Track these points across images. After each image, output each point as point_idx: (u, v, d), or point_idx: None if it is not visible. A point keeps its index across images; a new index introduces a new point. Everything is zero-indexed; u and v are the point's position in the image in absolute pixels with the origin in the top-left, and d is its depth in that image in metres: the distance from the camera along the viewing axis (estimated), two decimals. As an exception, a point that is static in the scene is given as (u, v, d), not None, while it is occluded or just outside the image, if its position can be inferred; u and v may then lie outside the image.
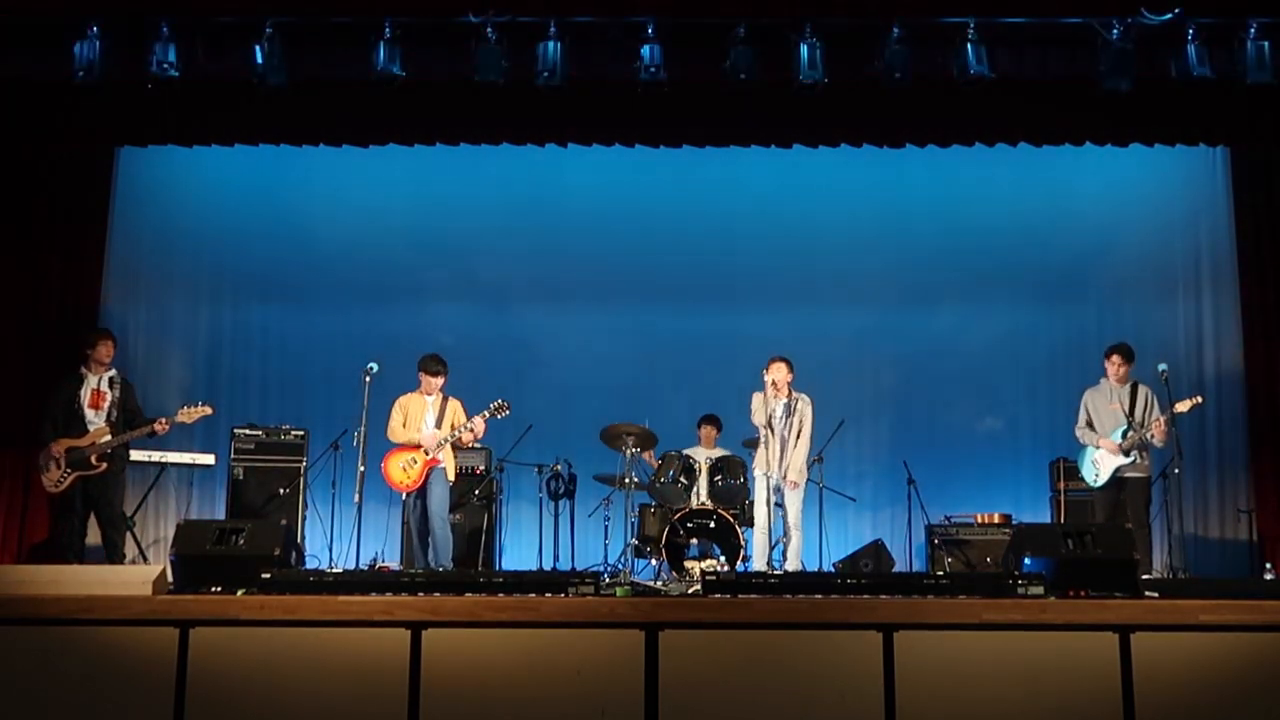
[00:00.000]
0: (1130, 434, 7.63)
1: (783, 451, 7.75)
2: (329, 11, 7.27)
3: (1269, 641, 5.14)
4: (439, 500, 7.68)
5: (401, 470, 7.65)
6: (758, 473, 7.89)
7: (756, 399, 7.85)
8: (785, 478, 7.73)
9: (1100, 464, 7.72)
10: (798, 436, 7.80)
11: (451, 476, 7.81)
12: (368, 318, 9.77)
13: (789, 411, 7.79)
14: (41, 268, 8.99)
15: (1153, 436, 7.61)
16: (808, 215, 9.79)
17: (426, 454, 7.62)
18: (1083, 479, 7.93)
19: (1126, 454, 7.64)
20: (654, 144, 8.64)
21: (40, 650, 5.16)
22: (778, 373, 7.78)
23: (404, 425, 7.74)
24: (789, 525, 7.78)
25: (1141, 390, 7.80)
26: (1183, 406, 7.63)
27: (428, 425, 7.71)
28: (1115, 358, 7.79)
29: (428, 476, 7.65)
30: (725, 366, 9.18)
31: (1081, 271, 9.74)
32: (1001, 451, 9.65)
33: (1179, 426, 7.70)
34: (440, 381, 7.78)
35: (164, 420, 7.63)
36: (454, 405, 7.83)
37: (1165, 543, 7.81)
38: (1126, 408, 7.72)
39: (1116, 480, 7.69)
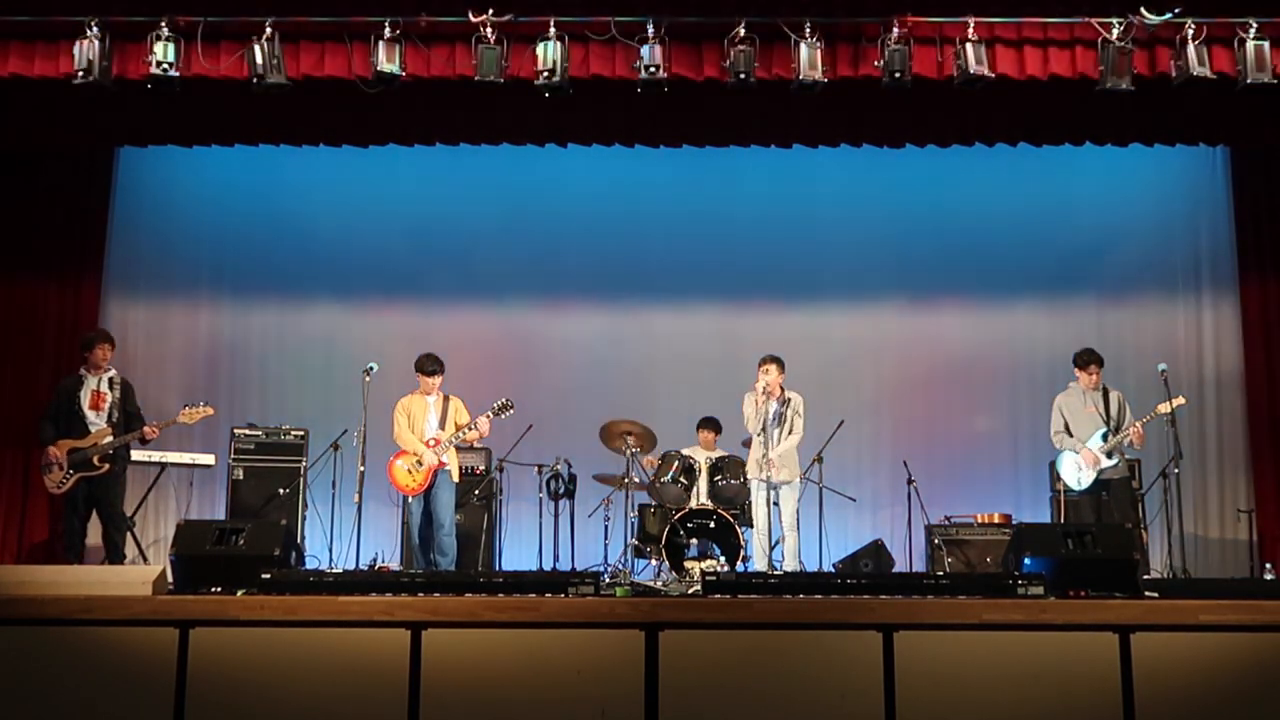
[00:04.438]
0: (1111, 437, 7.68)
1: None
2: (329, 11, 7.28)
3: (1269, 641, 5.15)
4: (446, 507, 7.66)
5: (407, 473, 7.63)
6: (752, 476, 7.89)
7: (747, 400, 7.86)
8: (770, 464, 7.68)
9: (1082, 468, 7.77)
10: (789, 434, 7.82)
11: (456, 477, 7.81)
12: (368, 318, 9.78)
13: (781, 412, 7.78)
14: (41, 268, 9.00)
15: (1130, 442, 7.69)
16: (807, 215, 9.79)
17: (431, 461, 7.61)
18: (1063, 482, 7.95)
19: (1109, 456, 7.68)
20: (654, 144, 8.63)
21: (40, 650, 5.16)
22: (769, 375, 7.77)
23: (409, 427, 7.71)
24: (784, 526, 7.78)
25: (1114, 394, 7.90)
26: (1165, 407, 7.67)
27: (431, 426, 7.71)
28: (1094, 367, 7.88)
29: (434, 481, 7.64)
30: (725, 366, 9.17)
31: (1081, 271, 9.74)
32: (1001, 451, 9.65)
33: (1176, 426, 7.72)
34: (438, 381, 7.77)
35: (154, 425, 7.63)
36: (456, 404, 7.82)
37: (1165, 543, 7.82)
38: (1102, 410, 7.77)
39: (1099, 482, 7.76)
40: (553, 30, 7.12)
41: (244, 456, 8.67)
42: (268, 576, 5.63)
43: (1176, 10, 7.01)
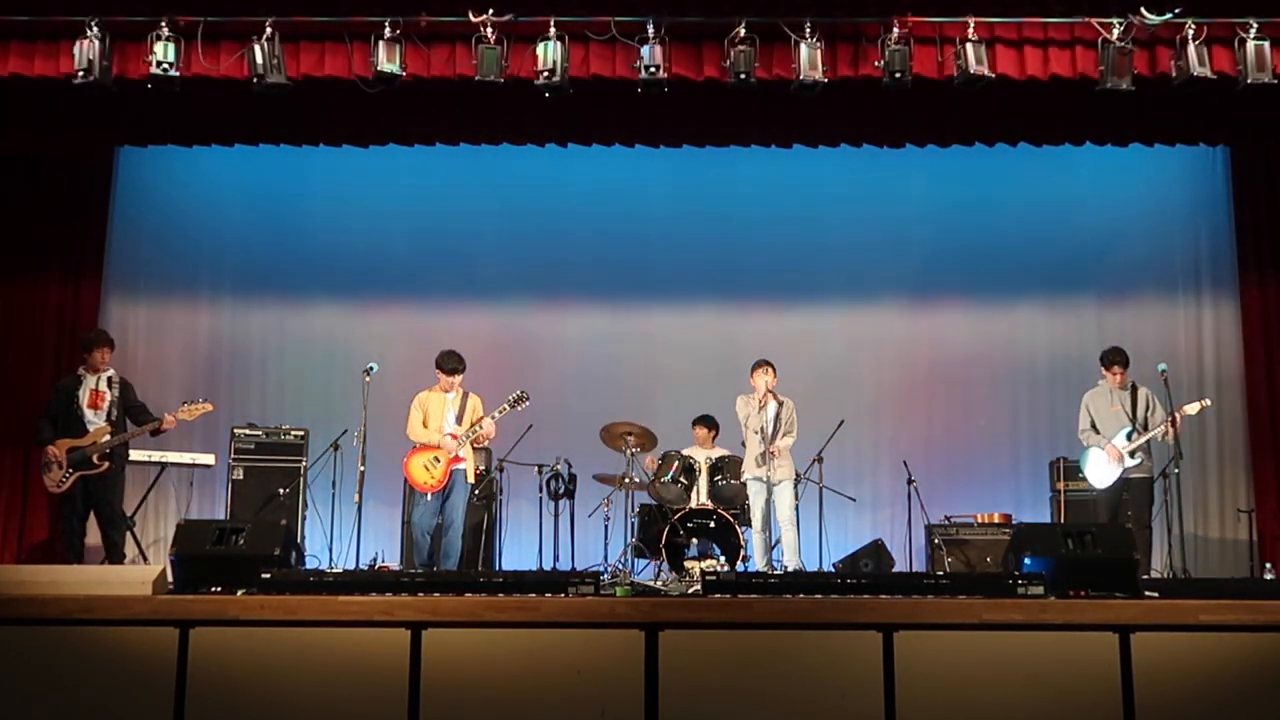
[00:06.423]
0: (1136, 435, 7.66)
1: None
2: (329, 11, 7.27)
3: (1269, 641, 5.14)
4: (457, 508, 7.63)
5: (424, 470, 7.58)
6: (747, 475, 7.91)
7: (740, 403, 7.91)
8: (771, 457, 7.73)
9: (1106, 466, 7.74)
10: (785, 435, 7.88)
11: (472, 478, 7.78)
12: (368, 318, 9.78)
13: (774, 415, 7.82)
14: (41, 268, 9.00)
15: (1166, 434, 7.66)
16: (807, 215, 9.80)
17: (449, 453, 7.60)
18: (1085, 480, 7.94)
19: (1133, 455, 7.67)
20: (654, 144, 8.63)
21: (40, 650, 5.15)
22: (768, 377, 7.84)
23: (425, 424, 7.67)
24: (780, 523, 7.79)
25: (1141, 391, 7.86)
26: (1191, 409, 7.67)
27: (449, 423, 7.67)
28: (1117, 368, 7.85)
29: (450, 478, 7.61)
30: (725, 366, 9.17)
31: (1081, 271, 9.74)
32: (1001, 451, 9.65)
33: (1177, 426, 7.72)
34: (459, 379, 7.74)
35: (171, 416, 7.63)
36: (474, 401, 7.77)
37: (1165, 543, 7.82)
38: (1129, 409, 7.76)
39: (1121, 481, 7.73)
40: (553, 30, 7.13)
41: (244, 456, 8.68)
42: (268, 576, 5.62)
43: (1177, 10, 7.01)
